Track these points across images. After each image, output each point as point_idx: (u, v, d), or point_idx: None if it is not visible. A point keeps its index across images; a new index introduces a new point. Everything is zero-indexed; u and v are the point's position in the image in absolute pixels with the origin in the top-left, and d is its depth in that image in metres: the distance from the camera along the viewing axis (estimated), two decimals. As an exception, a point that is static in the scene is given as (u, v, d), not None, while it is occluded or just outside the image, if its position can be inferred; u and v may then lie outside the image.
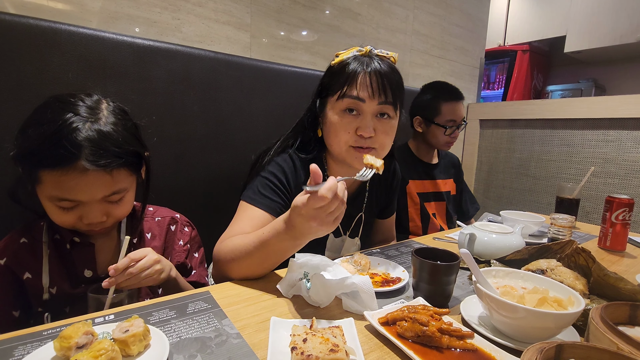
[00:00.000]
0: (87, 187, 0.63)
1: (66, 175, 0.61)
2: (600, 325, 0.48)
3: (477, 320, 0.59)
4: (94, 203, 0.66)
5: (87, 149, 0.61)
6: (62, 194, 0.63)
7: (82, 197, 0.64)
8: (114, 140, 0.65)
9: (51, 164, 0.61)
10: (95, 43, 0.95)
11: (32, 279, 0.69)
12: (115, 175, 0.66)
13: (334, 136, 0.84)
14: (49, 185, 0.62)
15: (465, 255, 0.59)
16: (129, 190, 0.72)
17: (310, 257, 0.70)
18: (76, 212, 0.65)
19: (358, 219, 0.99)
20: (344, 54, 0.85)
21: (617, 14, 2.66)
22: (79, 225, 0.67)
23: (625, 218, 1.01)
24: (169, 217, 0.86)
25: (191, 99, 1.13)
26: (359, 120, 0.81)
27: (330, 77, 0.85)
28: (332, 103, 0.84)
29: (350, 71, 0.80)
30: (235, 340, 0.51)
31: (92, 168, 0.62)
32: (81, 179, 0.62)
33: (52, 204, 0.65)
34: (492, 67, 3.45)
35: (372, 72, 0.80)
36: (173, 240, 0.84)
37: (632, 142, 1.75)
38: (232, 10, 1.35)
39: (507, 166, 2.27)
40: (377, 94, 0.80)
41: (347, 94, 0.80)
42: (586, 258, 0.69)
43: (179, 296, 0.63)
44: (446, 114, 1.46)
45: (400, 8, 1.93)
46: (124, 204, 0.71)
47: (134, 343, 0.45)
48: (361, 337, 0.54)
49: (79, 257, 0.73)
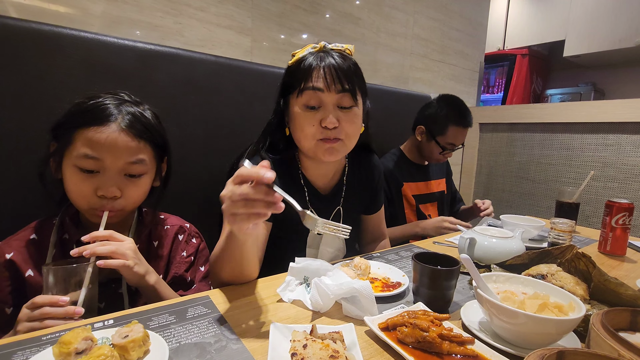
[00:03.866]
0: (115, 146, 0.68)
1: (100, 132, 0.67)
2: (601, 332, 0.48)
3: (478, 326, 0.59)
4: (114, 171, 0.70)
5: (123, 116, 0.71)
6: (90, 150, 0.67)
7: (108, 156, 0.68)
8: (147, 120, 0.75)
9: (88, 121, 0.68)
10: (97, 47, 0.95)
11: (34, 277, 0.69)
12: (141, 146, 0.72)
13: (300, 131, 0.85)
14: (79, 144, 0.67)
15: (466, 260, 0.58)
16: (147, 174, 0.75)
17: (310, 262, 0.71)
18: (95, 180, 0.69)
19: (336, 214, 0.99)
20: (299, 53, 0.88)
21: (616, 18, 2.68)
22: (93, 200, 0.69)
23: (625, 222, 1.01)
24: (178, 225, 0.86)
25: (193, 103, 1.13)
26: (321, 112, 0.83)
27: (289, 75, 0.88)
28: (293, 100, 0.85)
29: (306, 66, 0.83)
30: (235, 346, 0.51)
31: (124, 130, 0.69)
32: (112, 136, 0.68)
33: (75, 170, 0.68)
34: (492, 71, 3.47)
35: (326, 65, 0.82)
36: (177, 251, 0.84)
37: (632, 146, 1.76)
38: (233, 15, 1.36)
39: (506, 170, 2.27)
40: (334, 84, 0.82)
41: (305, 87, 0.82)
42: (586, 263, 0.69)
43: (178, 301, 0.63)
44: (449, 137, 1.45)
45: (401, 12, 1.94)
46: (139, 184, 0.74)
47: (133, 349, 0.45)
48: (361, 342, 0.54)
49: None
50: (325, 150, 0.85)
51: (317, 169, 0.96)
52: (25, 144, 0.86)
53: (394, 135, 1.69)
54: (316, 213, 0.94)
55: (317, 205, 0.96)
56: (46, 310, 0.55)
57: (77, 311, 0.57)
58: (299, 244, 0.95)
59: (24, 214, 0.79)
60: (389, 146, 1.64)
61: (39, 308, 0.56)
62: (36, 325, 0.55)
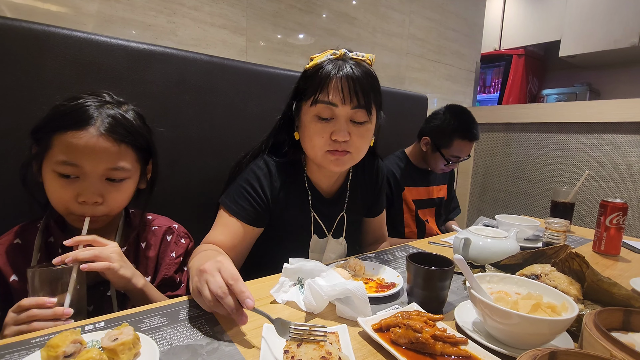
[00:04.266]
0: (94, 152, 0.66)
1: (77, 137, 0.65)
2: (593, 332, 0.48)
3: (472, 326, 0.59)
4: (94, 177, 0.67)
5: (102, 119, 0.67)
6: (69, 157, 0.65)
7: (87, 163, 0.66)
8: (129, 122, 0.71)
9: (66, 125, 0.65)
10: (89, 46, 0.94)
11: (19, 282, 0.68)
12: (122, 151, 0.69)
13: (309, 141, 0.84)
14: (58, 149, 0.65)
15: (459, 261, 0.58)
16: (130, 178, 0.73)
17: (304, 263, 0.70)
18: (75, 186, 0.66)
19: (340, 219, 1.00)
20: (318, 58, 0.84)
21: (611, 19, 2.69)
22: (73, 206, 0.67)
23: (619, 222, 1.01)
24: (166, 226, 0.85)
25: (186, 103, 1.12)
26: (332, 124, 0.81)
27: (305, 80, 0.84)
28: (306, 108, 0.83)
29: (323, 75, 0.80)
30: (227, 348, 0.51)
31: (103, 135, 0.66)
32: (90, 142, 0.65)
33: (54, 176, 0.66)
34: (488, 71, 3.48)
35: (344, 76, 0.79)
36: (165, 252, 0.83)
37: (626, 145, 1.77)
38: (227, 14, 1.35)
39: (502, 170, 2.28)
40: (349, 98, 0.79)
41: (320, 100, 0.79)
42: (580, 263, 0.69)
43: (170, 302, 0.63)
44: (455, 150, 1.44)
45: (397, 12, 1.94)
46: (121, 190, 0.72)
47: (123, 351, 0.44)
48: (355, 343, 0.54)
49: None
50: (332, 161, 0.84)
51: (322, 173, 0.95)
52: (12, 144, 0.85)
53: (390, 135, 1.68)
54: (319, 217, 0.95)
55: (320, 209, 0.95)
56: (33, 313, 0.54)
57: (65, 312, 0.56)
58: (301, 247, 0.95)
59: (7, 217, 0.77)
60: (385, 146, 1.64)
61: (25, 311, 0.55)
62: (24, 329, 0.54)
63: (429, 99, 1.93)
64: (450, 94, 2.35)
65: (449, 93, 2.34)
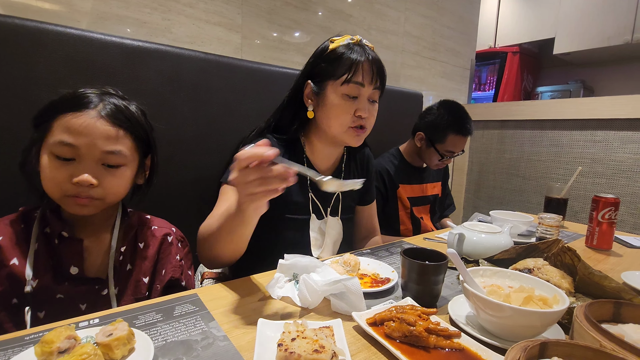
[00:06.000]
0: (91, 133, 0.66)
1: (77, 117, 0.66)
2: (584, 323, 0.49)
3: (465, 320, 0.59)
4: (90, 159, 0.67)
5: (104, 104, 0.69)
6: (66, 136, 0.65)
7: (84, 143, 0.66)
8: (131, 112, 0.73)
9: (67, 108, 0.66)
10: (82, 43, 0.94)
11: (18, 266, 0.67)
12: (120, 136, 0.70)
13: (336, 118, 0.90)
14: (57, 130, 0.65)
15: (452, 255, 0.59)
16: (127, 166, 0.72)
17: (300, 259, 0.71)
18: (69, 168, 0.66)
19: (336, 199, 1.03)
20: (339, 41, 0.91)
21: (605, 16, 2.71)
22: (66, 186, 0.66)
23: (611, 217, 1.03)
24: (165, 228, 0.84)
25: (181, 100, 1.12)
26: (357, 103, 0.90)
27: (329, 61, 0.90)
28: (335, 86, 0.89)
29: (354, 59, 0.88)
30: (222, 343, 0.51)
31: (103, 117, 0.67)
32: (89, 122, 0.66)
33: (50, 157, 0.66)
34: (483, 68, 3.49)
35: (372, 60, 0.89)
36: (170, 253, 0.81)
37: (619, 142, 1.78)
38: (223, 11, 1.35)
39: (497, 167, 2.29)
40: (374, 80, 0.89)
41: (353, 80, 0.87)
42: (572, 257, 0.70)
43: (166, 299, 0.63)
44: (449, 145, 1.45)
45: (392, 10, 1.95)
46: (118, 175, 0.71)
47: (117, 347, 0.44)
48: (349, 337, 0.54)
49: (67, 252, 0.71)
50: (354, 136, 0.93)
51: (321, 153, 1.00)
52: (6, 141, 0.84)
53: (385, 133, 1.69)
54: (317, 198, 0.98)
55: (317, 189, 0.96)
56: None
57: None
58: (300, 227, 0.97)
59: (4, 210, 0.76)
60: (380, 143, 1.64)
61: None
62: None
63: (425, 96, 1.93)
64: (445, 91, 2.36)
65: (444, 90, 2.35)
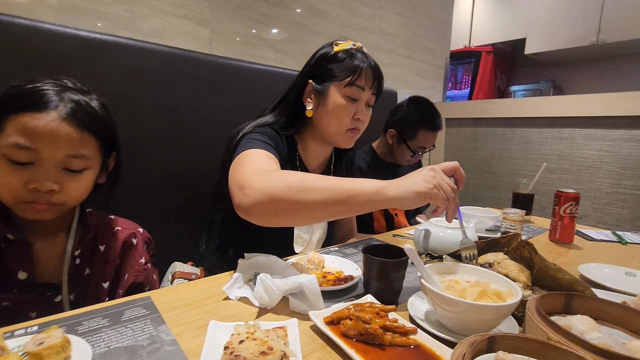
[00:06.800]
0: (54, 137, 0.61)
1: (36, 119, 0.60)
2: (534, 316, 0.49)
3: (423, 316, 0.59)
4: (51, 164, 0.62)
5: (65, 104, 0.63)
6: (25, 140, 0.59)
7: (45, 148, 0.61)
8: (93, 110, 0.68)
9: (23, 106, 0.60)
10: (35, 34, 0.88)
11: None
12: (84, 139, 0.65)
13: (336, 118, 0.92)
14: (13, 131, 0.59)
15: (409, 251, 0.59)
16: (90, 169, 0.68)
17: (260, 257, 0.69)
18: (26, 172, 0.61)
19: None
20: (343, 45, 0.94)
21: (573, 18, 2.81)
22: (22, 193, 0.61)
23: (572, 211, 1.06)
24: (129, 229, 0.79)
25: (145, 96, 1.08)
26: (356, 106, 0.93)
27: (335, 64, 0.92)
28: (338, 88, 0.91)
29: (357, 63, 0.91)
30: (169, 347, 0.49)
31: (66, 119, 0.62)
32: (51, 125, 0.61)
33: (4, 160, 0.60)
34: (459, 67, 3.56)
35: (373, 67, 0.93)
36: (133, 257, 0.77)
37: (584, 139, 1.85)
38: (189, 4, 1.31)
39: (470, 164, 2.33)
40: (374, 85, 0.94)
41: (356, 84, 0.90)
42: (530, 250, 0.71)
43: (115, 303, 0.60)
44: (420, 141, 1.46)
45: (367, 7, 1.94)
46: (80, 180, 0.67)
47: (49, 356, 0.41)
48: (305, 337, 0.53)
49: (13, 256, 0.66)
50: (349, 138, 0.97)
51: (313, 151, 1.02)
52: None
53: (360, 129, 1.69)
54: None
55: None
56: None
57: None
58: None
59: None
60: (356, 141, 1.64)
61: None
62: None
63: (400, 94, 1.94)
64: (420, 89, 2.38)
65: (419, 88, 2.37)
